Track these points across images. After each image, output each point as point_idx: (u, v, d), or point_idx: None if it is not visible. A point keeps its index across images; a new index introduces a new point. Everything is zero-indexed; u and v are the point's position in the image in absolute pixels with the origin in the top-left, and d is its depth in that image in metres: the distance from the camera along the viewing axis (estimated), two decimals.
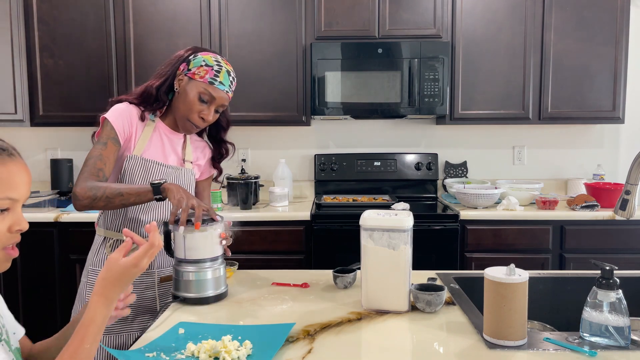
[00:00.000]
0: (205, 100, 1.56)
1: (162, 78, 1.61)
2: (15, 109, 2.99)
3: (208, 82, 1.54)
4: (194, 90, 1.55)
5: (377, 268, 1.34)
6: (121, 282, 0.99)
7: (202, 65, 1.56)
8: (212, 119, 1.61)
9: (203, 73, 1.55)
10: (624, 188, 1.33)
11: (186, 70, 1.57)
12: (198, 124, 1.59)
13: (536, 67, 3.01)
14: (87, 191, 1.43)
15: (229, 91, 1.59)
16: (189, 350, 1.08)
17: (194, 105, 1.55)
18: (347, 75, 2.95)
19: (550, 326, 1.48)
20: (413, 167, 3.31)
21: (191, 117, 1.57)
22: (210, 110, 1.58)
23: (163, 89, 1.60)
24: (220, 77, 1.56)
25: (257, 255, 2.78)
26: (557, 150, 3.42)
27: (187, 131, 1.64)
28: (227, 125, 1.75)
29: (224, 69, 1.57)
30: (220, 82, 1.55)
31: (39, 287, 2.80)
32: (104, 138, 1.52)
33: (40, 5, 2.99)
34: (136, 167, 1.58)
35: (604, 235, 2.78)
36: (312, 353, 1.10)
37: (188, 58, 1.59)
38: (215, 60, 1.58)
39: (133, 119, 1.58)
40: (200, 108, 1.56)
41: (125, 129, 1.56)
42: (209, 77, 1.55)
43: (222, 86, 1.56)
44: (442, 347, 1.14)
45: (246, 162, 3.39)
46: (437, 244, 2.74)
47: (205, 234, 1.41)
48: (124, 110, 1.57)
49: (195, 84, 1.55)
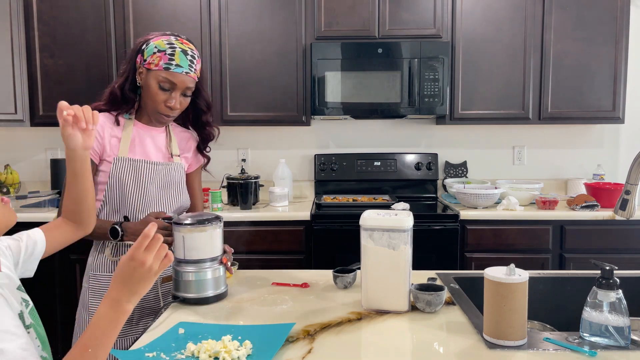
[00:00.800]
0: (166, 88, 1.50)
1: (123, 76, 1.56)
2: (15, 109, 2.99)
3: (163, 68, 1.48)
4: (153, 80, 1.50)
5: (377, 268, 1.34)
6: (125, 280, 0.97)
7: (155, 53, 1.49)
8: (182, 105, 1.55)
9: (157, 60, 1.49)
10: (624, 188, 1.33)
11: (143, 62, 1.52)
12: (167, 114, 1.54)
13: (536, 67, 3.01)
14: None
15: (190, 71, 1.51)
16: (189, 350, 1.08)
17: (157, 96, 1.51)
18: (347, 75, 2.95)
19: (550, 326, 1.48)
20: (413, 167, 3.31)
21: (158, 108, 1.53)
22: (175, 97, 1.51)
23: (127, 87, 1.55)
24: (176, 59, 1.48)
25: (257, 255, 2.78)
26: (557, 150, 3.42)
27: (160, 123, 1.60)
28: (207, 107, 1.67)
29: (177, 50, 1.49)
30: (176, 64, 1.48)
31: (39, 287, 2.79)
32: None
33: (40, 5, 2.99)
34: (124, 169, 1.55)
35: (604, 235, 2.78)
36: (312, 353, 1.10)
37: (141, 49, 1.53)
38: (167, 43, 1.50)
39: (103, 132, 1.54)
40: (164, 97, 1.51)
41: (96, 147, 1.53)
42: (163, 63, 1.48)
43: (179, 69, 1.49)
44: (442, 347, 1.14)
45: (246, 162, 3.39)
46: (437, 244, 2.74)
47: (205, 234, 1.41)
48: None
49: (153, 74, 1.50)
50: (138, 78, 1.55)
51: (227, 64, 3.02)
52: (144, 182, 1.58)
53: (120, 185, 1.55)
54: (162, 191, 1.62)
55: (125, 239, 1.51)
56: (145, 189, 1.58)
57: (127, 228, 1.50)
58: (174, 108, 1.53)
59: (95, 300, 1.57)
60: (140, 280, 0.98)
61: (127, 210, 1.57)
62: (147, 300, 1.60)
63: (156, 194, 1.61)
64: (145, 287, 0.99)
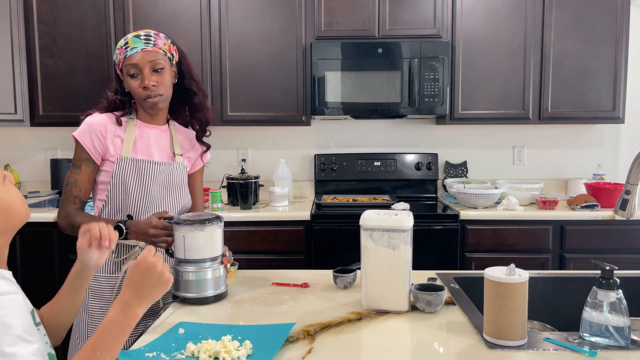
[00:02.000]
0: (133, 73, 1.55)
1: (113, 82, 1.65)
2: (15, 109, 2.99)
3: (123, 58, 1.55)
4: (125, 75, 1.57)
5: (377, 268, 1.34)
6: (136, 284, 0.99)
7: (117, 53, 1.58)
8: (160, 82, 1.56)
9: (120, 57, 1.56)
10: (624, 188, 1.33)
11: (119, 68, 1.59)
12: (147, 94, 1.55)
13: (536, 67, 3.01)
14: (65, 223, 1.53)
15: (147, 47, 1.54)
16: (189, 350, 1.09)
17: (131, 86, 1.56)
18: (347, 75, 2.95)
19: (550, 326, 1.48)
20: (413, 167, 3.31)
21: (138, 95, 1.57)
22: (145, 75, 1.54)
23: (120, 91, 1.62)
24: (130, 44, 1.54)
25: (257, 255, 2.78)
26: (557, 150, 3.42)
27: (154, 109, 1.60)
28: (197, 88, 1.67)
29: (129, 38, 1.56)
30: (130, 48, 1.54)
31: (39, 287, 2.79)
32: (77, 161, 1.55)
33: (40, 5, 2.99)
34: (127, 169, 1.57)
35: (604, 235, 2.78)
36: (312, 353, 1.10)
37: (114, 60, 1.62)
38: (123, 39, 1.58)
39: (105, 131, 1.57)
40: (137, 82, 1.55)
41: (96, 144, 1.55)
42: (122, 54, 1.55)
43: (133, 50, 1.53)
44: (442, 347, 1.14)
45: (246, 162, 3.39)
46: (437, 244, 2.74)
47: (205, 234, 1.41)
48: (93, 124, 1.57)
49: (123, 70, 1.57)
50: (125, 84, 1.60)
51: (227, 64, 3.02)
52: (147, 182, 1.59)
53: (123, 185, 1.56)
54: (164, 191, 1.63)
55: (129, 237, 1.50)
56: (148, 189, 1.59)
57: (131, 226, 1.49)
58: (148, 86, 1.54)
59: (95, 302, 1.57)
60: (153, 285, 1.00)
61: (129, 210, 1.58)
62: None
63: (159, 194, 1.62)
64: (157, 292, 1.01)
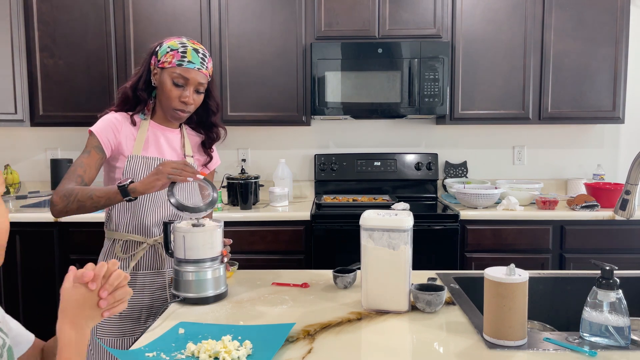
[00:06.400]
0: (179, 84, 1.56)
1: (136, 76, 1.63)
2: (15, 109, 2.99)
3: (176, 65, 1.55)
4: (167, 78, 1.56)
5: (377, 268, 1.34)
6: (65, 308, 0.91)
7: (168, 52, 1.57)
8: (196, 102, 1.61)
9: (170, 58, 1.56)
10: (624, 188, 1.33)
11: (157, 63, 1.59)
12: (182, 109, 1.59)
13: (536, 67, 3.01)
14: (61, 196, 1.48)
15: (202, 68, 1.58)
16: (189, 350, 1.08)
17: (171, 92, 1.56)
18: (347, 75, 2.95)
19: (550, 326, 1.48)
20: (413, 167, 3.31)
21: (173, 104, 1.58)
22: (189, 92, 1.57)
23: (140, 87, 1.61)
24: (188, 56, 1.55)
25: (257, 255, 2.78)
26: (557, 150, 3.42)
27: (177, 120, 1.63)
28: (216, 108, 1.73)
29: (189, 48, 1.57)
30: (188, 61, 1.55)
31: (39, 287, 2.79)
32: (88, 147, 1.57)
33: (40, 5, 2.99)
34: (137, 166, 1.59)
35: (604, 235, 2.78)
36: (312, 353, 1.10)
37: (156, 50, 1.61)
38: (179, 43, 1.58)
39: (120, 126, 1.59)
40: (178, 93, 1.56)
41: (110, 138, 1.57)
42: (176, 60, 1.55)
43: (191, 64, 1.55)
44: (442, 347, 1.14)
45: (246, 162, 3.39)
46: (437, 244, 2.74)
47: (205, 234, 1.41)
48: (109, 120, 1.59)
49: (167, 71, 1.56)
50: (153, 79, 1.61)
51: (227, 64, 3.02)
52: None
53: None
54: None
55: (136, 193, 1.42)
56: None
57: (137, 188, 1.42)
58: (188, 103, 1.58)
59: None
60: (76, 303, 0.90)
61: (137, 208, 1.59)
62: (157, 300, 1.61)
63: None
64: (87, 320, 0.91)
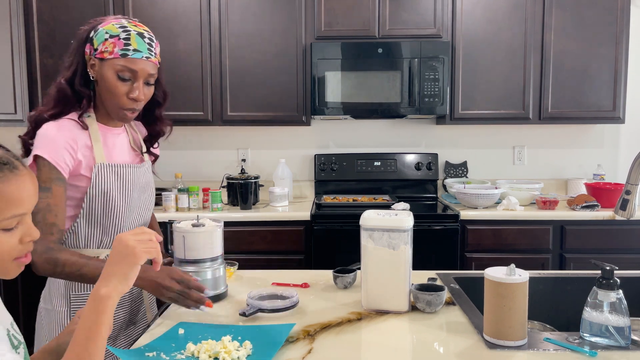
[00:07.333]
0: (126, 77, 1.31)
1: (70, 69, 1.36)
2: (15, 109, 2.99)
3: (120, 55, 1.30)
4: (109, 71, 1.31)
5: (377, 268, 1.34)
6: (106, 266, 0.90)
7: (107, 39, 1.31)
8: (146, 96, 1.37)
9: (111, 47, 1.30)
10: (624, 188, 1.33)
11: (94, 52, 1.33)
12: (131, 107, 1.35)
13: (536, 67, 3.01)
14: (44, 260, 1.24)
15: (151, 56, 1.34)
16: (189, 350, 1.08)
17: (117, 89, 1.32)
18: (347, 75, 2.95)
19: (550, 326, 1.48)
20: (413, 167, 3.31)
21: (121, 102, 1.33)
22: (139, 86, 1.33)
23: (78, 81, 1.35)
24: (133, 43, 1.31)
25: (257, 255, 2.78)
26: (557, 150, 3.42)
27: (124, 121, 1.41)
28: (163, 99, 1.47)
29: (132, 33, 1.32)
30: (134, 49, 1.31)
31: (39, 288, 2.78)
32: (46, 182, 1.28)
33: (40, 5, 2.99)
34: (107, 176, 1.38)
35: (604, 235, 2.77)
36: (312, 353, 1.10)
37: (89, 37, 1.34)
38: (119, 26, 1.32)
39: (75, 142, 1.34)
40: (125, 88, 1.33)
41: (67, 161, 1.32)
42: (119, 49, 1.30)
43: (138, 54, 1.31)
44: (442, 347, 1.13)
45: (246, 162, 3.39)
46: (437, 244, 2.74)
47: (205, 234, 1.41)
48: (58, 138, 1.31)
49: (108, 63, 1.31)
50: (91, 72, 1.35)
51: (227, 64, 3.01)
52: (128, 188, 1.43)
53: (105, 194, 1.37)
54: (142, 195, 1.49)
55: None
56: (129, 195, 1.43)
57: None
58: (139, 99, 1.34)
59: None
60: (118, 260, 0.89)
61: (110, 219, 1.40)
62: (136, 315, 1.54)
63: (137, 198, 1.47)
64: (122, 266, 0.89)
